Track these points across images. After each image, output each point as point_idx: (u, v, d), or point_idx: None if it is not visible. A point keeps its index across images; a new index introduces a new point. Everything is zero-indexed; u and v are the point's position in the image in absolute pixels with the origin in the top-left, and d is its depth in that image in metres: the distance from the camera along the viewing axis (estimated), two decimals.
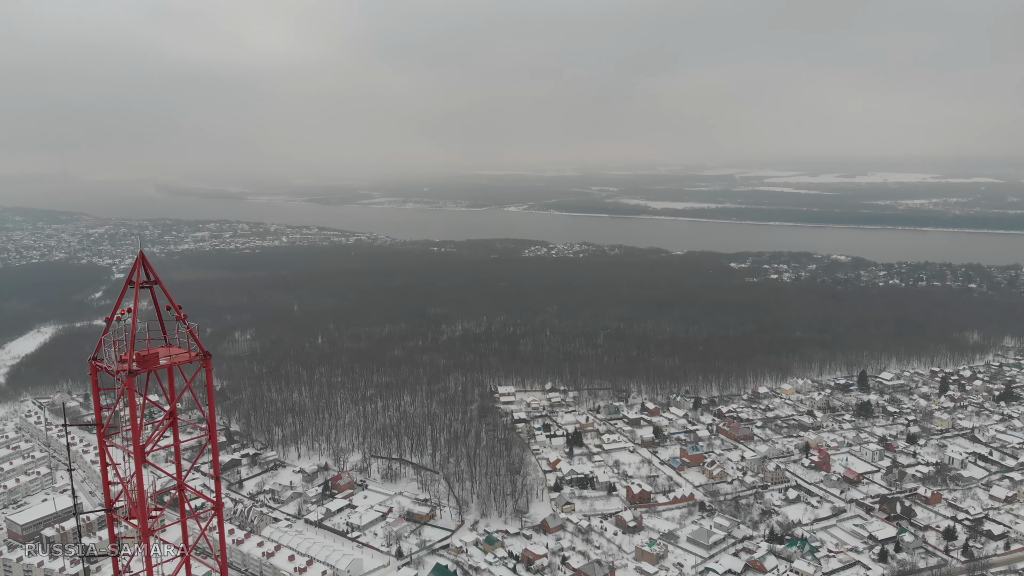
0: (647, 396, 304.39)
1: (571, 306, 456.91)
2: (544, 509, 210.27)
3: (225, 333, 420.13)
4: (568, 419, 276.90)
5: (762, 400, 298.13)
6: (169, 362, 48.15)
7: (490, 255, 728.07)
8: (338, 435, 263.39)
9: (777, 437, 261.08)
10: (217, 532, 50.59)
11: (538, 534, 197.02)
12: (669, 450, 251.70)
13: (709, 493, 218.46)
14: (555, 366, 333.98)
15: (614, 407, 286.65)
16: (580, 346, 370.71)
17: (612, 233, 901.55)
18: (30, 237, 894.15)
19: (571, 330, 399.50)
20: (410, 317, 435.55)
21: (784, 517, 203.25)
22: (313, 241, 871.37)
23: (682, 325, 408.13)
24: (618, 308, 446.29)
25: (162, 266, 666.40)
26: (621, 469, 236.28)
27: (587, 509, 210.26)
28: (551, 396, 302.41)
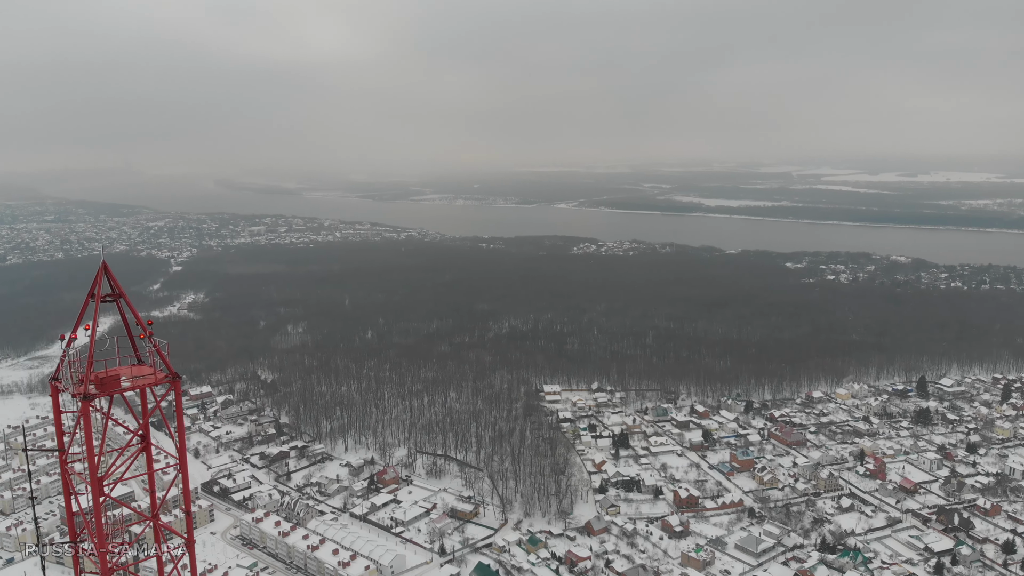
0: (697, 398, 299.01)
1: (620, 305, 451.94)
2: (588, 511, 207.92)
3: (278, 326, 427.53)
4: (614, 420, 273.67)
5: (816, 405, 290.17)
6: (132, 384, 43.03)
7: (538, 252, 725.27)
8: (384, 429, 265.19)
9: (831, 443, 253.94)
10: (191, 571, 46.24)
11: (582, 536, 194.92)
12: (718, 454, 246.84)
13: (759, 499, 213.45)
14: (602, 366, 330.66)
15: (662, 409, 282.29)
16: (628, 346, 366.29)
17: (664, 231, 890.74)
18: (92, 229, 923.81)
19: (619, 329, 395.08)
20: (457, 313, 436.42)
21: (837, 526, 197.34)
22: (365, 237, 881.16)
23: (735, 326, 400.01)
24: (668, 307, 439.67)
25: (219, 259, 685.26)
26: (668, 472, 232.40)
27: (633, 512, 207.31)
28: (597, 396, 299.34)
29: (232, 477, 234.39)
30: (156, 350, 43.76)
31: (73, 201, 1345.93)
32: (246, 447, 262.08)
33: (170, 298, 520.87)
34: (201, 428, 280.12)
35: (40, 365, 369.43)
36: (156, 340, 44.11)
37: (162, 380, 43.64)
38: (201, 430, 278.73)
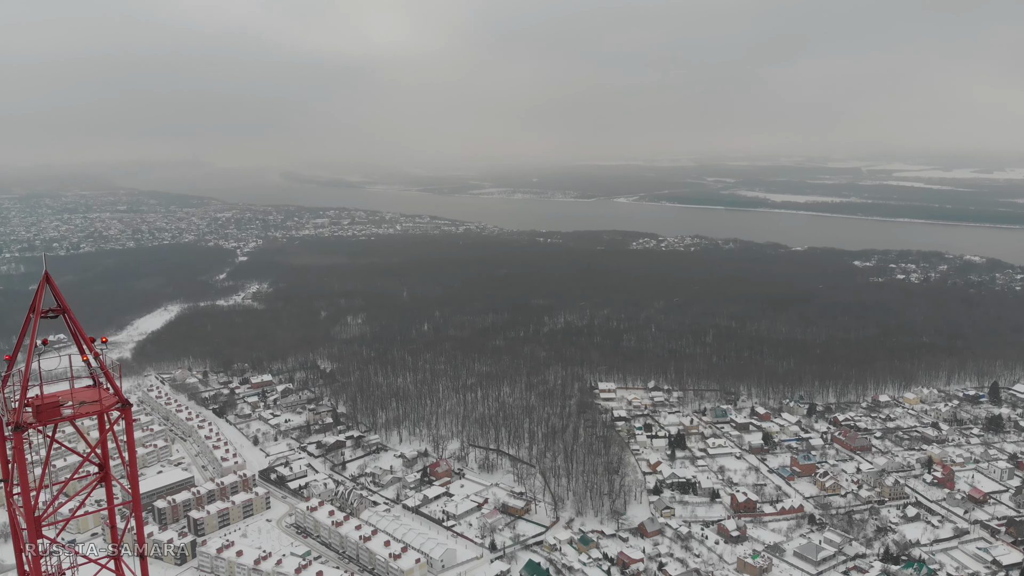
0: (757, 400, 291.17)
1: (679, 302, 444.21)
2: (642, 512, 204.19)
3: (338, 317, 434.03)
4: (671, 420, 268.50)
5: (882, 409, 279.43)
6: (75, 413, 38.07)
7: (596, 247, 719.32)
8: (438, 422, 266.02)
9: (897, 450, 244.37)
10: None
11: (635, 537, 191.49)
12: (779, 458, 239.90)
13: (820, 506, 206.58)
14: (659, 364, 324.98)
15: (721, 410, 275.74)
16: (687, 344, 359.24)
17: (727, 226, 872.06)
18: (163, 220, 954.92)
19: (678, 327, 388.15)
20: (513, 308, 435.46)
21: (901, 536, 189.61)
22: (425, 230, 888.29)
23: (799, 326, 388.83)
24: (730, 305, 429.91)
25: (283, 251, 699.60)
26: (726, 475, 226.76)
27: (688, 515, 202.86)
28: (654, 395, 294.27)
29: (289, 465, 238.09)
30: (106, 374, 38.58)
31: (145, 192, 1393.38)
32: (304, 436, 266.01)
33: (235, 287, 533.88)
34: (261, 416, 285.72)
35: (109, 350, 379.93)
36: (105, 361, 39.32)
37: (111, 407, 38.37)
38: (261, 418, 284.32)
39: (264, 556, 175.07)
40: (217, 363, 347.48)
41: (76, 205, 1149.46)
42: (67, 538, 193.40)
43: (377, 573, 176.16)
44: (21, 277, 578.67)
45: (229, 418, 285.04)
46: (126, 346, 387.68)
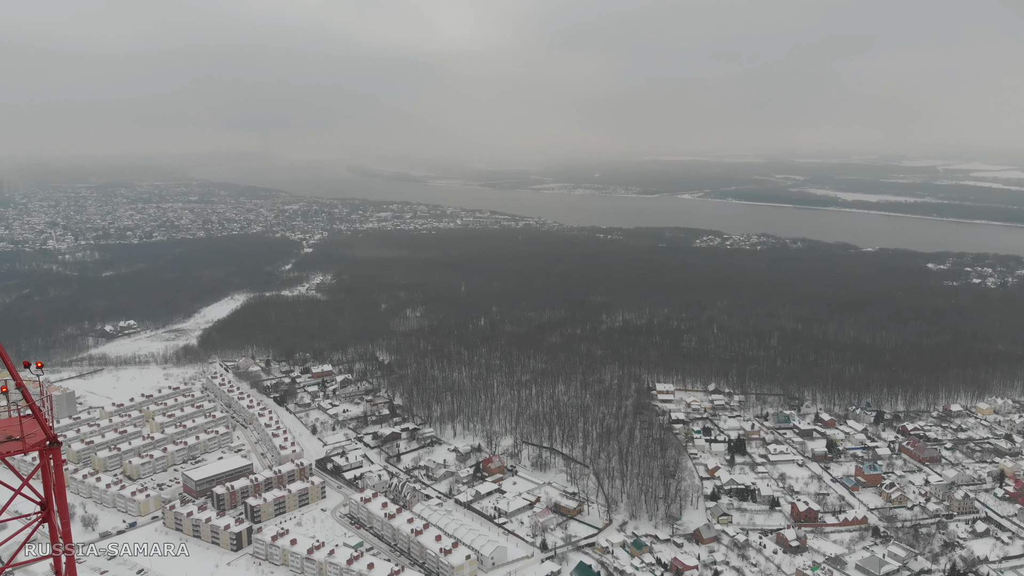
0: (822, 406, 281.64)
1: (743, 302, 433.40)
2: (698, 518, 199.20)
3: (397, 309, 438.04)
4: (731, 424, 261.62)
5: (954, 419, 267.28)
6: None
7: (658, 244, 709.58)
8: (492, 418, 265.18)
9: (968, 462, 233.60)
10: None
11: (689, 543, 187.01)
12: (843, 467, 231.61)
13: (885, 518, 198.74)
14: (721, 366, 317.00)
15: (784, 415, 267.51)
16: (750, 346, 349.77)
17: (795, 225, 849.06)
18: (232, 210, 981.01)
19: (741, 328, 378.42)
20: (570, 304, 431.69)
21: (969, 552, 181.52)
22: (485, 224, 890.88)
23: (868, 330, 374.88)
24: (796, 307, 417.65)
25: (347, 243, 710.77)
26: (787, 483, 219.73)
27: (745, 523, 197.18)
28: (714, 398, 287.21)
29: (345, 455, 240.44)
30: (34, 410, 32.88)
31: (216, 183, 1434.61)
32: (360, 426, 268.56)
33: (300, 278, 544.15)
34: (320, 405, 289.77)
35: (176, 337, 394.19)
36: (42, 391, 34.16)
37: (35, 447, 32.63)
38: (320, 407, 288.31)
39: (317, 546, 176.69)
40: (280, 352, 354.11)
41: (150, 195, 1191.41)
42: (128, 521, 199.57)
43: (428, 567, 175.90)
44: (95, 264, 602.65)
45: (289, 407, 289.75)
46: (193, 333, 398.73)
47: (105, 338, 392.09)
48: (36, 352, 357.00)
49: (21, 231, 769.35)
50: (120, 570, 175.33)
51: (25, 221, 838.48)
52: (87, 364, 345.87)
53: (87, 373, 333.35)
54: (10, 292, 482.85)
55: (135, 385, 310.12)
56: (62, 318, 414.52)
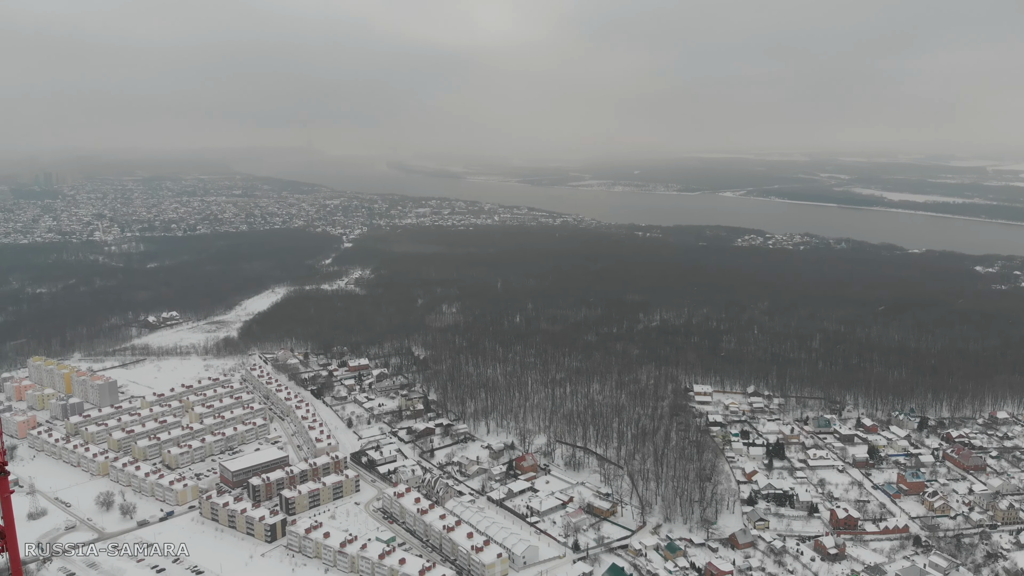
0: (864, 411, 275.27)
1: (784, 303, 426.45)
2: (734, 522, 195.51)
3: (434, 305, 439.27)
4: (770, 428, 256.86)
5: (1000, 427, 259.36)
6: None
7: (698, 242, 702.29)
8: (526, 416, 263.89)
9: (1014, 471, 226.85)
10: None
11: (725, 548, 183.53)
12: (884, 474, 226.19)
13: (927, 527, 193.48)
14: (760, 368, 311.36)
15: (824, 420, 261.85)
16: (791, 348, 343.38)
17: (839, 225, 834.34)
18: (275, 205, 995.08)
19: (782, 330, 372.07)
20: (607, 303, 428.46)
21: (1013, 564, 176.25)
22: (522, 221, 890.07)
23: (913, 333, 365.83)
24: (839, 309, 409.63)
25: (386, 238, 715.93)
26: (826, 489, 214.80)
27: (783, 528, 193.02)
28: (753, 401, 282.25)
29: (380, 449, 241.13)
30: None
31: (259, 177, 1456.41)
32: (395, 420, 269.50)
33: (339, 273, 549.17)
34: (356, 399, 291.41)
35: (217, 329, 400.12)
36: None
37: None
38: (356, 400, 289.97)
39: (350, 539, 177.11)
40: (318, 345, 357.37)
41: (195, 188, 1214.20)
42: (166, 510, 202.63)
43: (459, 565, 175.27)
44: (140, 256, 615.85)
45: (326, 400, 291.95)
46: (233, 325, 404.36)
47: (148, 329, 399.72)
48: (80, 341, 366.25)
49: (69, 223, 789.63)
50: (156, 558, 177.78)
51: (73, 213, 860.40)
52: (130, 354, 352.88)
53: (130, 363, 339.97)
54: (57, 282, 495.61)
55: (176, 375, 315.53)
56: (107, 308, 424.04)
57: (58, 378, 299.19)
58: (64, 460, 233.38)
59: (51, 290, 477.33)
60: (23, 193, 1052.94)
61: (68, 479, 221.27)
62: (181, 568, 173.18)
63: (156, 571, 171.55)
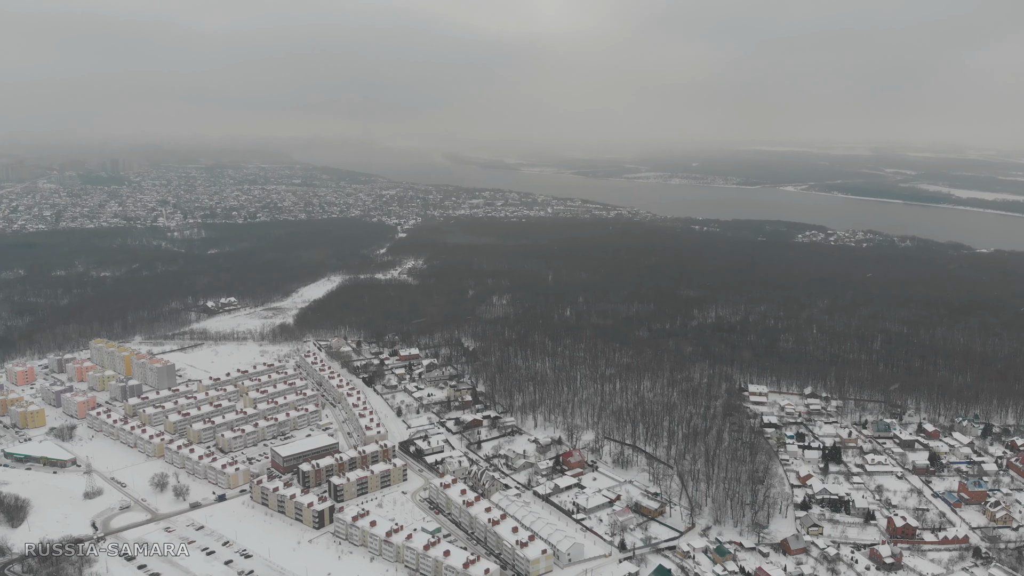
0: (926, 416, 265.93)
1: (845, 302, 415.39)
2: (786, 527, 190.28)
3: (484, 296, 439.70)
4: (827, 431, 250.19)
5: None
6: None
7: (757, 238, 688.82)
8: (574, 411, 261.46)
9: None
10: None
11: (776, 553, 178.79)
12: (945, 481, 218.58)
13: (988, 538, 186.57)
14: (818, 369, 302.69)
15: (884, 424, 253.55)
16: (851, 349, 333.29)
17: (904, 222, 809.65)
18: (332, 194, 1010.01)
19: (842, 329, 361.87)
20: (661, 298, 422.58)
21: None
22: (575, 213, 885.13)
23: (979, 336, 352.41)
24: (902, 310, 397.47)
25: (439, 229, 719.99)
26: (883, 496, 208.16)
27: (837, 535, 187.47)
28: (809, 402, 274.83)
29: (428, 439, 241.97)
30: None
31: (318, 167, 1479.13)
32: (444, 411, 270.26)
33: (393, 262, 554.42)
34: (406, 388, 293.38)
35: (273, 315, 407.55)
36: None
37: None
38: (406, 390, 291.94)
39: (396, 529, 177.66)
40: (370, 334, 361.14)
41: (255, 177, 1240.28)
42: (218, 492, 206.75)
43: (503, 559, 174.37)
44: (201, 242, 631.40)
45: (377, 388, 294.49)
46: (289, 312, 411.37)
47: (207, 314, 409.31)
48: (141, 324, 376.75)
49: (134, 208, 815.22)
50: (207, 540, 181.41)
51: (138, 199, 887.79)
52: (188, 338, 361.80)
53: (188, 347, 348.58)
54: (120, 266, 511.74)
55: (232, 360, 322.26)
56: (167, 293, 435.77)
57: (118, 360, 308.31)
58: (121, 441, 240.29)
59: (115, 274, 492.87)
60: (91, 179, 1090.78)
61: (124, 459, 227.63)
62: (230, 551, 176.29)
63: (206, 553, 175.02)
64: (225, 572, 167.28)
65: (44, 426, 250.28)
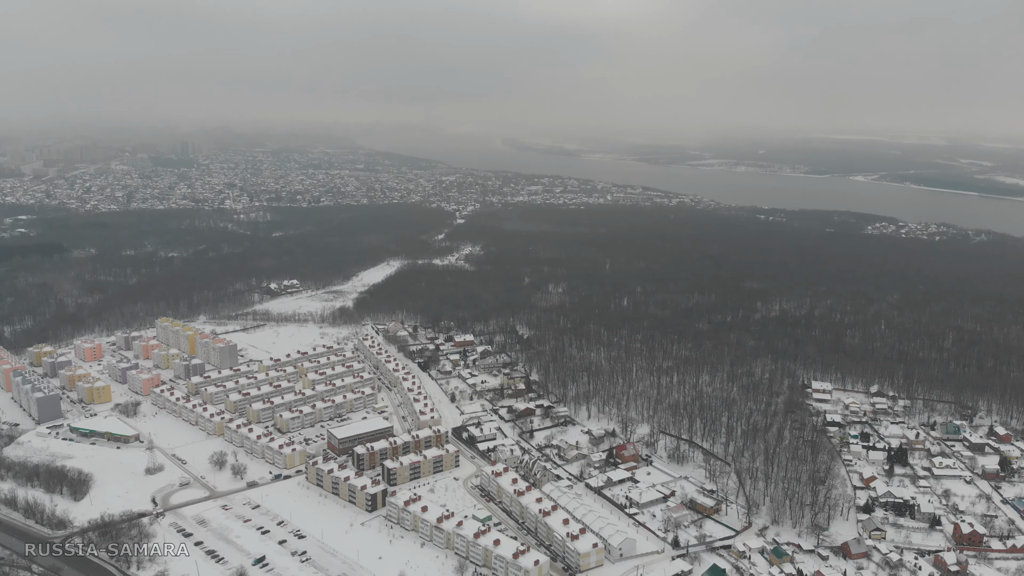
0: (998, 419, 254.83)
1: (916, 298, 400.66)
2: (848, 530, 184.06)
3: (540, 284, 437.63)
4: (893, 431, 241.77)
5: None
6: None
7: (825, 228, 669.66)
8: (629, 403, 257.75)
9: None
10: None
11: (835, 557, 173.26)
12: (1016, 487, 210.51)
13: None
14: (886, 367, 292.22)
15: (953, 426, 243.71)
16: (921, 347, 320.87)
17: (980, 215, 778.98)
18: (394, 179, 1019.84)
19: (912, 326, 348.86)
20: (722, 289, 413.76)
21: None
22: (636, 201, 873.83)
23: None
24: (976, 307, 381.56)
25: (497, 215, 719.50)
26: (950, 501, 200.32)
27: (900, 540, 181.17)
28: (876, 401, 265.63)
29: (480, 426, 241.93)
30: None
31: (380, 152, 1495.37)
32: (497, 399, 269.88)
33: (450, 248, 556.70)
34: (460, 374, 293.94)
35: (334, 298, 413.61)
36: None
37: None
38: (460, 376, 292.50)
39: (447, 515, 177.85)
40: (426, 319, 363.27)
41: (320, 161, 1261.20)
42: (275, 472, 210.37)
43: (554, 550, 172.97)
44: (266, 225, 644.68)
45: (431, 373, 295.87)
46: (349, 295, 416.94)
47: (269, 295, 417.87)
48: (206, 305, 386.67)
49: (202, 190, 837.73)
50: (263, 519, 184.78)
51: (206, 181, 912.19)
52: (251, 319, 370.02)
53: (250, 327, 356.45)
54: (188, 247, 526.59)
55: (293, 342, 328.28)
56: (232, 274, 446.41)
57: (183, 339, 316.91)
58: (183, 418, 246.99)
59: (182, 254, 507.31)
60: (161, 161, 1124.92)
61: (185, 437, 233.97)
62: (284, 531, 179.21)
63: (261, 532, 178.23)
64: (279, 552, 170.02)
65: (110, 402, 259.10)
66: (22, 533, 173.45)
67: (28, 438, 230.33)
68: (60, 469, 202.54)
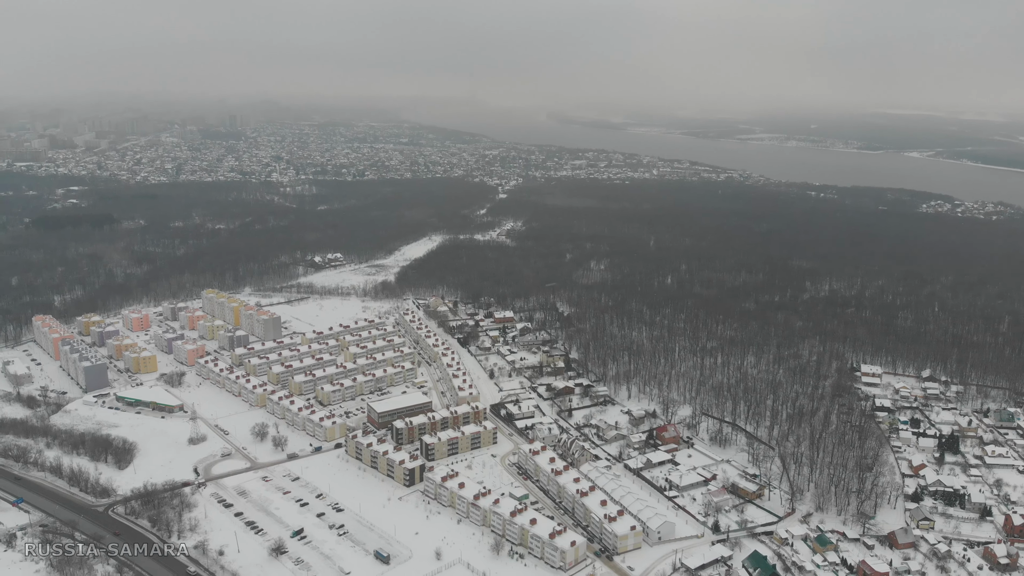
0: None
1: (971, 279, 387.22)
2: (895, 519, 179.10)
3: (582, 260, 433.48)
4: (944, 418, 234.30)
5: None
6: None
7: (878, 207, 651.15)
8: (671, 384, 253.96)
9: None
10: None
11: (881, 546, 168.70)
12: None
13: None
14: (938, 350, 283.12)
15: (1008, 413, 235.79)
16: (976, 330, 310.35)
17: None
18: (437, 154, 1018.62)
19: (967, 309, 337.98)
20: (770, 268, 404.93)
21: None
22: (683, 176, 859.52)
23: None
24: None
25: (540, 190, 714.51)
26: (1002, 491, 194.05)
27: (949, 530, 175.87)
28: (927, 386, 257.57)
29: (518, 404, 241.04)
30: None
31: (424, 126, 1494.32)
32: (535, 376, 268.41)
33: (492, 223, 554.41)
34: (499, 351, 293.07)
35: (376, 272, 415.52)
36: None
37: None
38: (499, 352, 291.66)
39: (484, 492, 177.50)
40: (467, 295, 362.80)
41: (365, 135, 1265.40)
42: (315, 444, 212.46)
43: (590, 531, 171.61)
44: (312, 198, 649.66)
45: (471, 349, 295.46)
46: (391, 270, 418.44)
47: (314, 268, 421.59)
48: (251, 277, 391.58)
49: (249, 163, 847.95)
50: (302, 491, 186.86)
51: (253, 154, 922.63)
52: (295, 291, 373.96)
53: (294, 300, 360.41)
54: (235, 219, 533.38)
55: (336, 315, 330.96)
56: (277, 247, 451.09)
57: (228, 311, 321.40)
58: (227, 389, 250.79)
59: (229, 227, 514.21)
60: (210, 134, 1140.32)
61: (228, 408, 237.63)
62: (323, 503, 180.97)
63: (300, 504, 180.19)
64: (316, 524, 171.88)
65: (155, 372, 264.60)
66: (66, 501, 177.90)
67: (75, 406, 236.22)
68: (105, 438, 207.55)
